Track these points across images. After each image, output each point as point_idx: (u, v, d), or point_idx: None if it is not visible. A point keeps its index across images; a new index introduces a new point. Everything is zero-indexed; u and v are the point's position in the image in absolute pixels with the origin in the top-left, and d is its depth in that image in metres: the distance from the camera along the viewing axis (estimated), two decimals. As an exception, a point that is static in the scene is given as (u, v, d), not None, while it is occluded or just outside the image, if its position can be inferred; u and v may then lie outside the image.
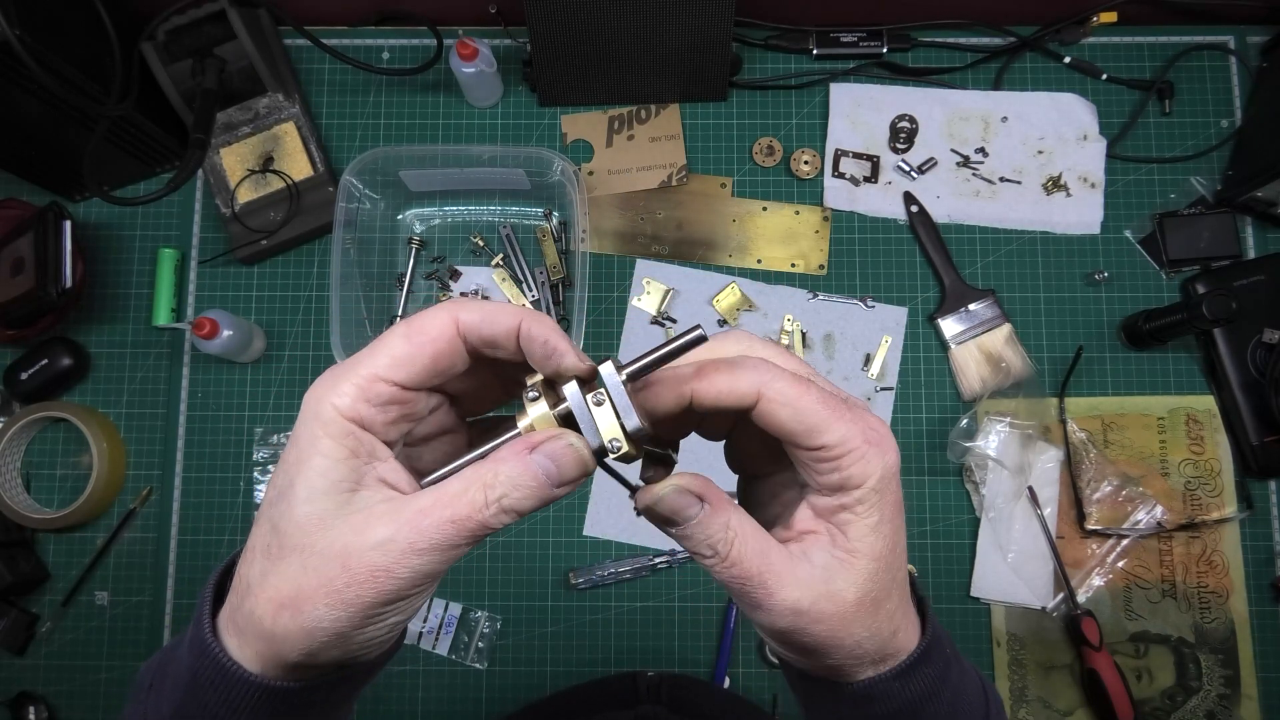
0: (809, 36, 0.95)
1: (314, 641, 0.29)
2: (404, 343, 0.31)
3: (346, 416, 0.30)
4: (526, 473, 0.30)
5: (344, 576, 0.29)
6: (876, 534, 0.32)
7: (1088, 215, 0.93)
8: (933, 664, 0.35)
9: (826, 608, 0.32)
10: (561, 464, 0.30)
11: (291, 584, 0.29)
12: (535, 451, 0.30)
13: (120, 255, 0.95)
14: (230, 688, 0.31)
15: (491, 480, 0.30)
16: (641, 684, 0.78)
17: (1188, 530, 0.88)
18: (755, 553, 0.32)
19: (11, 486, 0.89)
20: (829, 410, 0.31)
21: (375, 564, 0.29)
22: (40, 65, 0.70)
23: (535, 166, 0.88)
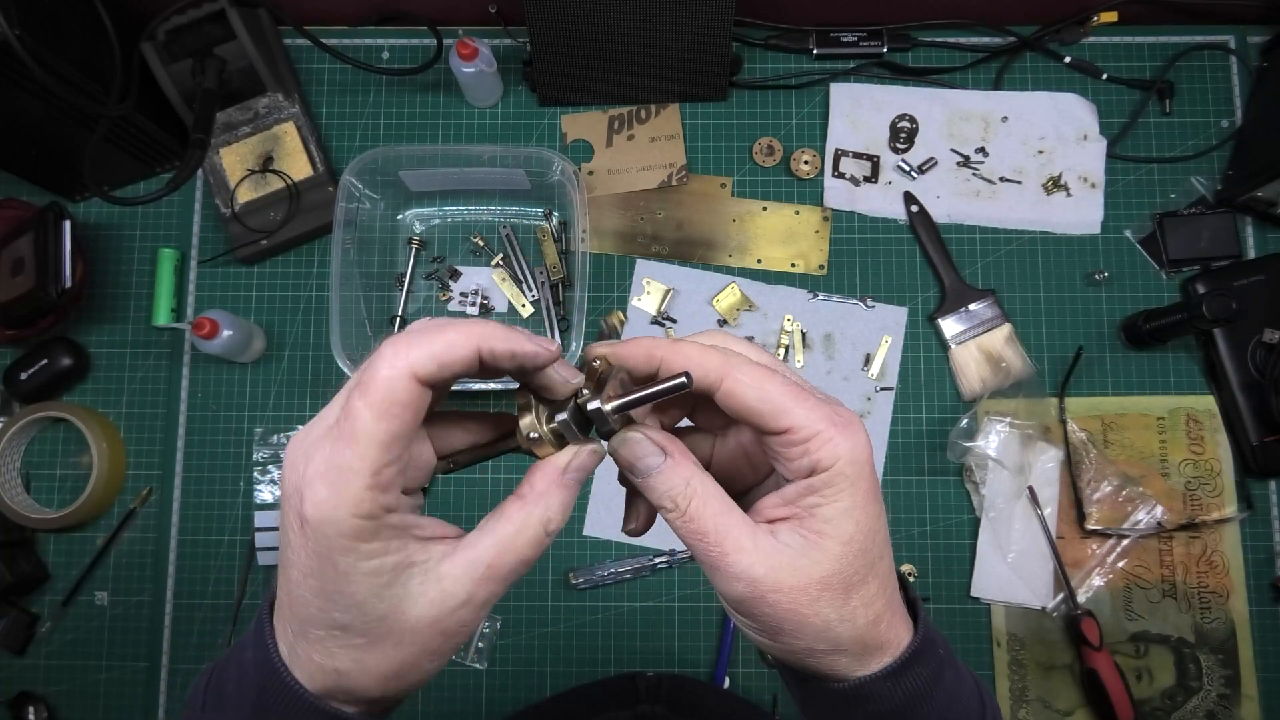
0: (809, 36, 0.95)
1: (400, 692, 0.32)
2: (383, 423, 0.29)
3: (373, 519, 0.29)
4: (569, 495, 0.33)
5: (439, 639, 0.31)
6: (846, 517, 0.32)
7: (1088, 215, 0.93)
8: (925, 664, 0.35)
9: (786, 579, 0.32)
10: (588, 468, 0.34)
11: (393, 663, 0.31)
12: (568, 473, 0.33)
13: (120, 255, 0.95)
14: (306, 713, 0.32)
15: (545, 517, 0.32)
16: (641, 684, 0.78)
17: (1188, 530, 0.88)
18: (714, 513, 0.33)
19: (11, 486, 0.89)
20: (793, 395, 0.33)
21: (464, 619, 0.31)
22: (40, 65, 0.70)
23: (535, 166, 0.88)
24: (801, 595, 0.32)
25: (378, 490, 0.29)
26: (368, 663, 0.31)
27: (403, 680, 0.32)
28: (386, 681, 0.31)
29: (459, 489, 0.91)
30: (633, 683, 0.79)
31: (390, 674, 0.31)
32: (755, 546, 0.32)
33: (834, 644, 0.33)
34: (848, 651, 0.33)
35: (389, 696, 0.32)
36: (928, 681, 0.34)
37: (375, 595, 0.30)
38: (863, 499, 0.33)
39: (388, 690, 0.32)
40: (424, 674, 0.32)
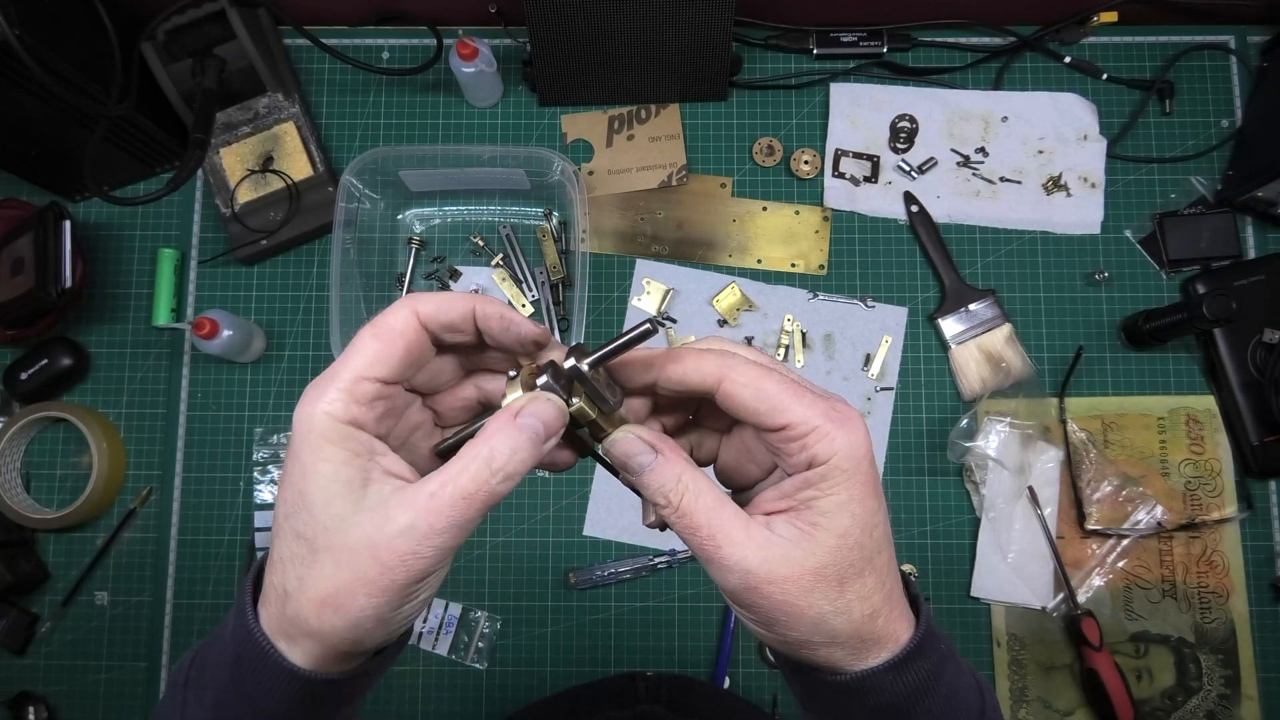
0: (809, 36, 0.95)
1: (359, 631, 0.32)
2: (375, 342, 0.33)
3: (341, 420, 0.32)
4: (519, 436, 0.32)
5: (376, 567, 0.31)
6: (842, 510, 0.33)
7: (1088, 215, 0.93)
8: (926, 659, 0.35)
9: (779, 570, 0.32)
10: (544, 418, 0.33)
11: (329, 584, 0.31)
12: (520, 416, 0.33)
13: (120, 255, 0.95)
14: (277, 678, 0.33)
15: (489, 453, 0.32)
16: (641, 684, 0.78)
17: (1188, 530, 0.88)
18: (707, 507, 0.33)
19: (11, 486, 0.89)
20: (790, 392, 0.34)
21: (402, 550, 0.31)
22: (40, 65, 0.70)
23: (535, 166, 0.88)
24: (795, 586, 0.32)
25: (351, 400, 0.32)
26: (307, 581, 0.32)
27: (339, 611, 0.31)
28: (322, 607, 0.31)
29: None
30: (632, 682, 0.79)
31: (325, 596, 0.31)
32: (749, 538, 0.33)
33: (829, 636, 0.33)
34: (844, 644, 0.34)
35: (326, 633, 0.32)
36: (928, 676, 0.35)
37: (326, 501, 0.31)
38: (859, 493, 0.33)
39: (324, 621, 0.32)
40: (358, 613, 0.31)
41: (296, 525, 0.32)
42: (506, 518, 0.90)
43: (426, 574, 0.32)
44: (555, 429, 0.33)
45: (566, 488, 0.90)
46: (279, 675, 0.33)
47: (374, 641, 0.33)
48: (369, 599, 0.31)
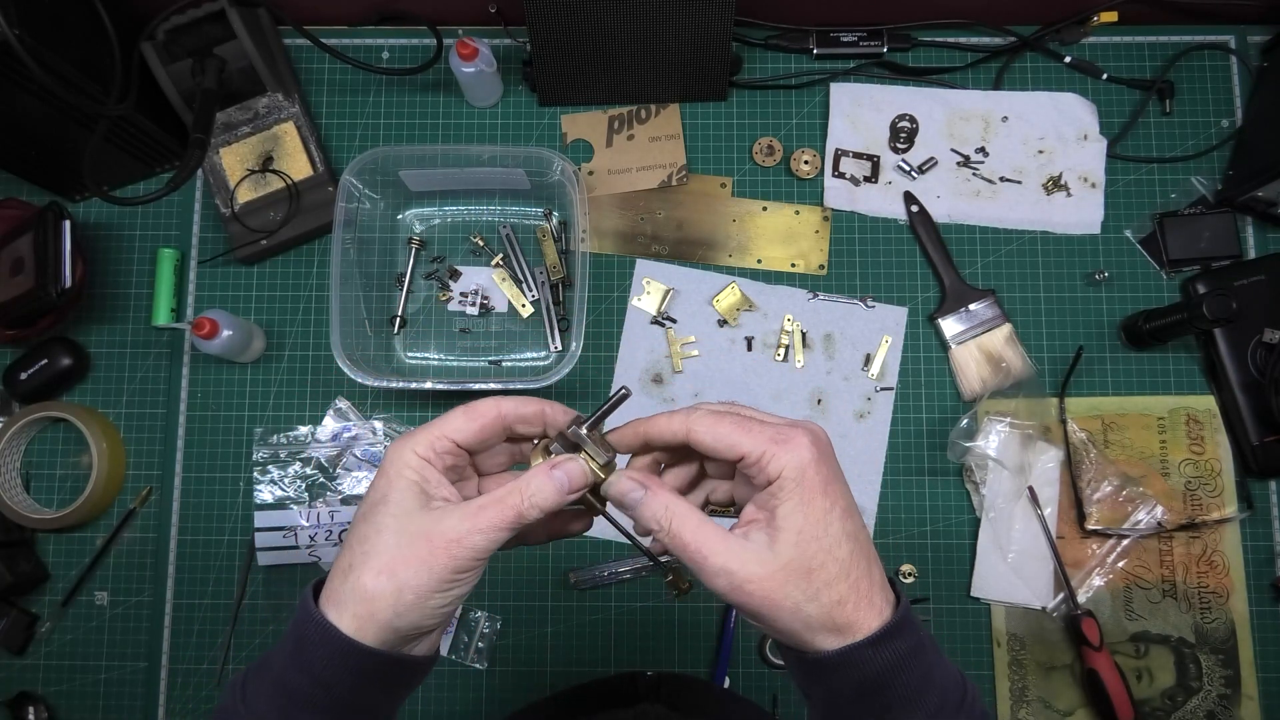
0: (809, 36, 0.95)
1: (402, 600, 0.40)
2: (464, 417, 0.45)
3: (421, 457, 0.44)
4: (550, 481, 0.43)
5: (428, 547, 0.41)
6: (795, 513, 0.41)
7: (1088, 215, 0.93)
8: (902, 640, 0.41)
9: (756, 570, 0.41)
10: (571, 474, 0.44)
11: (390, 555, 0.41)
12: (554, 469, 0.44)
13: (120, 255, 0.95)
14: (330, 644, 0.41)
15: (525, 487, 0.43)
16: (641, 683, 0.78)
17: (1188, 530, 0.88)
18: (691, 528, 0.42)
19: (11, 486, 0.89)
20: (741, 428, 0.43)
21: (449, 537, 0.41)
22: (40, 65, 0.70)
23: (535, 166, 0.88)
24: (771, 582, 0.40)
25: (431, 450, 0.44)
26: (371, 556, 0.41)
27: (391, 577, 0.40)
28: (379, 573, 0.41)
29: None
30: (632, 682, 0.79)
31: (383, 566, 0.41)
32: (728, 548, 0.41)
33: (806, 622, 0.41)
34: (821, 628, 0.41)
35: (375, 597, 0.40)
36: (905, 655, 0.41)
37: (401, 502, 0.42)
38: (807, 495, 0.41)
39: (378, 584, 0.40)
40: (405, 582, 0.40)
41: (373, 518, 0.42)
42: (506, 518, 0.90)
43: (464, 567, 0.41)
44: (577, 487, 0.44)
45: (566, 488, 0.90)
46: (331, 641, 0.41)
47: (409, 621, 0.41)
48: (416, 572, 0.40)
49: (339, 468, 0.91)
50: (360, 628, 0.41)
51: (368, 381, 0.83)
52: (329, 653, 0.41)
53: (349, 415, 0.92)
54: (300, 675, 0.41)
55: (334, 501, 0.90)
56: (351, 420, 0.91)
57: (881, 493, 0.89)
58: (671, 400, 0.91)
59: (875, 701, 0.41)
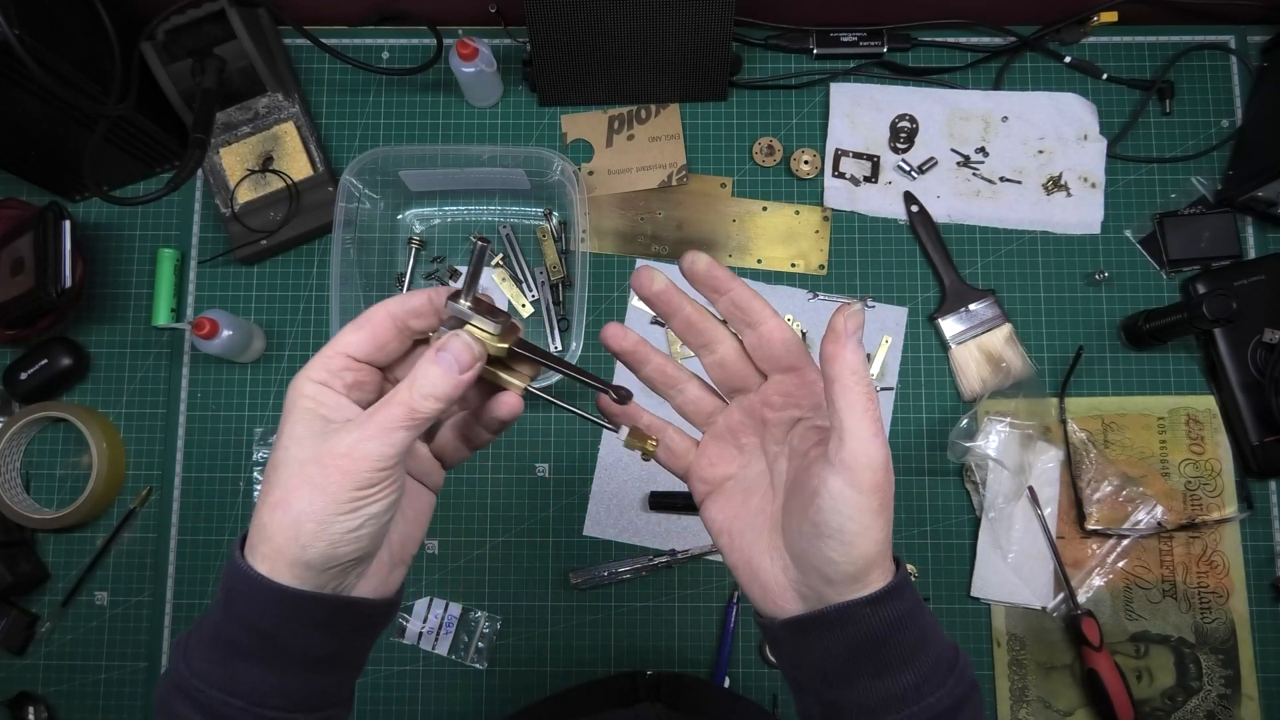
0: (809, 36, 0.95)
1: (302, 530, 0.37)
2: (353, 330, 0.41)
3: (315, 380, 0.40)
4: (436, 366, 0.39)
5: (319, 469, 0.38)
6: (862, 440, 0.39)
7: (1088, 215, 0.93)
8: (900, 601, 0.40)
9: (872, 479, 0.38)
10: (456, 352, 0.40)
11: (282, 488, 0.38)
12: (439, 351, 0.40)
13: (120, 255, 0.95)
14: (252, 588, 0.38)
15: (412, 379, 0.39)
16: (640, 683, 0.78)
17: (1188, 530, 0.88)
18: None
19: (11, 486, 0.89)
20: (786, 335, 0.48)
21: (339, 452, 0.38)
22: (40, 65, 0.70)
23: (535, 166, 0.88)
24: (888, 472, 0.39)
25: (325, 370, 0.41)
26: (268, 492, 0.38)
27: (286, 510, 0.37)
28: (274, 509, 0.38)
29: (470, 491, 0.91)
30: (632, 681, 0.79)
31: (276, 500, 0.38)
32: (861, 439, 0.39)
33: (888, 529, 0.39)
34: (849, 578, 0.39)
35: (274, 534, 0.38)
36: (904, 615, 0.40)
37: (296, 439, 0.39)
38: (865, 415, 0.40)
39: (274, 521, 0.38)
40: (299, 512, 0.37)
41: (273, 456, 0.39)
42: (507, 518, 0.90)
43: (361, 483, 0.38)
44: (464, 356, 0.40)
45: (566, 487, 0.90)
46: (249, 582, 0.38)
47: (319, 552, 0.38)
48: (310, 499, 0.37)
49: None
50: (272, 568, 0.38)
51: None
52: (253, 598, 0.38)
53: (349, 415, 0.91)
54: (234, 627, 0.39)
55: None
56: (351, 420, 0.91)
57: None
58: (671, 400, 0.91)
59: (871, 661, 0.40)
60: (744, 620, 0.88)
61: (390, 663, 0.88)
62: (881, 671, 0.40)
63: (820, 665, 0.41)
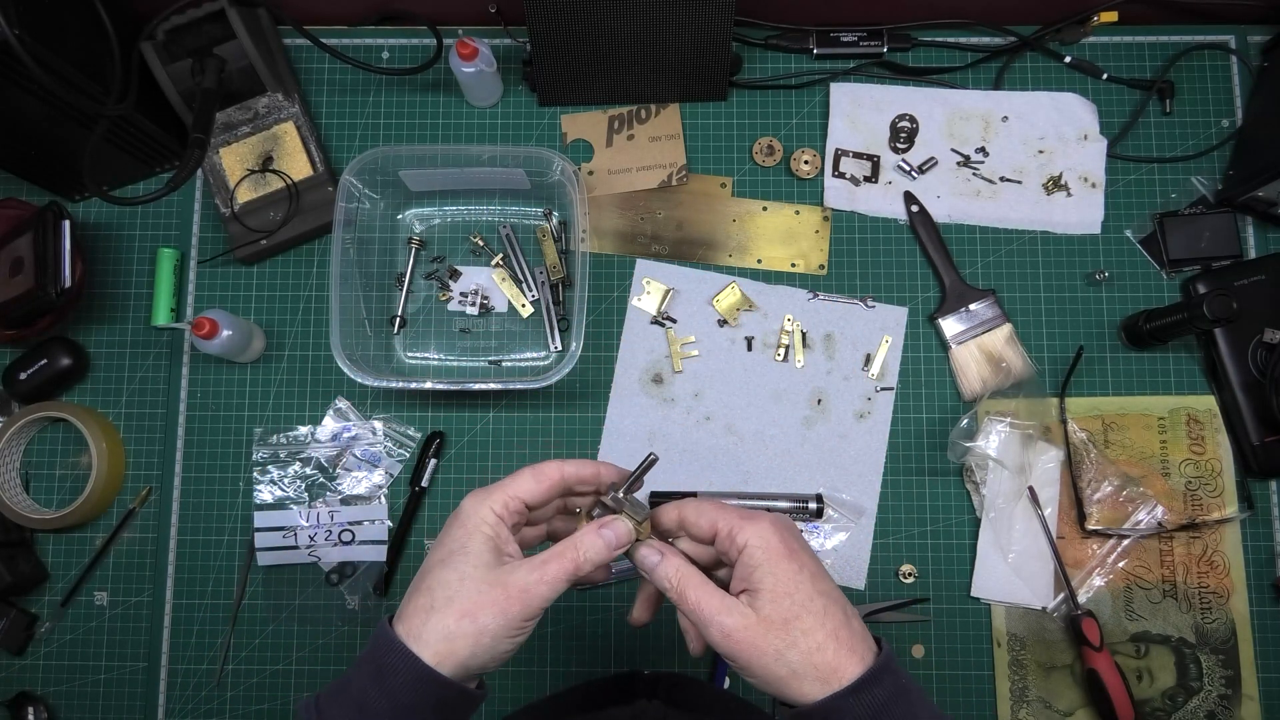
0: (809, 36, 0.95)
1: (480, 641, 0.47)
2: (533, 479, 0.53)
3: (496, 515, 0.51)
4: (599, 539, 0.52)
5: (504, 595, 0.48)
6: (768, 575, 0.49)
7: (1088, 215, 0.93)
8: (882, 686, 0.46)
9: (740, 623, 0.48)
10: (618, 533, 0.53)
11: (472, 601, 0.48)
12: (602, 528, 0.53)
13: (120, 255, 0.95)
14: (412, 673, 0.47)
15: (580, 544, 0.52)
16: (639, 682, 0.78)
17: (1188, 530, 0.88)
18: (694, 587, 0.51)
19: (11, 486, 0.89)
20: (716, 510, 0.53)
21: (521, 587, 0.49)
22: (40, 65, 0.70)
23: (535, 166, 0.88)
24: (752, 632, 0.48)
25: (504, 507, 0.52)
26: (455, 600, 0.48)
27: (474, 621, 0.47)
28: (462, 616, 0.47)
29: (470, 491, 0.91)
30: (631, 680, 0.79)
31: (466, 609, 0.47)
32: (721, 605, 0.49)
33: (790, 668, 0.47)
34: (806, 676, 0.47)
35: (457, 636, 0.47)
36: (887, 700, 0.46)
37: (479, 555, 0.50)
38: (775, 560, 0.49)
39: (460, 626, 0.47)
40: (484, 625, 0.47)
41: (455, 565, 0.49)
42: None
43: (530, 614, 0.49)
44: (621, 544, 0.53)
45: (566, 488, 0.90)
46: (414, 670, 0.47)
47: (481, 661, 0.48)
48: (493, 617, 0.48)
49: (339, 468, 0.91)
50: (440, 662, 0.47)
51: (368, 381, 0.83)
52: (410, 680, 0.47)
53: (349, 415, 0.92)
54: (382, 698, 0.47)
55: (334, 501, 0.90)
56: (351, 420, 0.91)
57: (881, 493, 0.89)
58: (671, 400, 0.91)
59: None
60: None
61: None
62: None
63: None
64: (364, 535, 0.89)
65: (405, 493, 0.90)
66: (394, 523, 0.90)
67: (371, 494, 0.90)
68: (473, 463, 0.91)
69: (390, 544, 0.89)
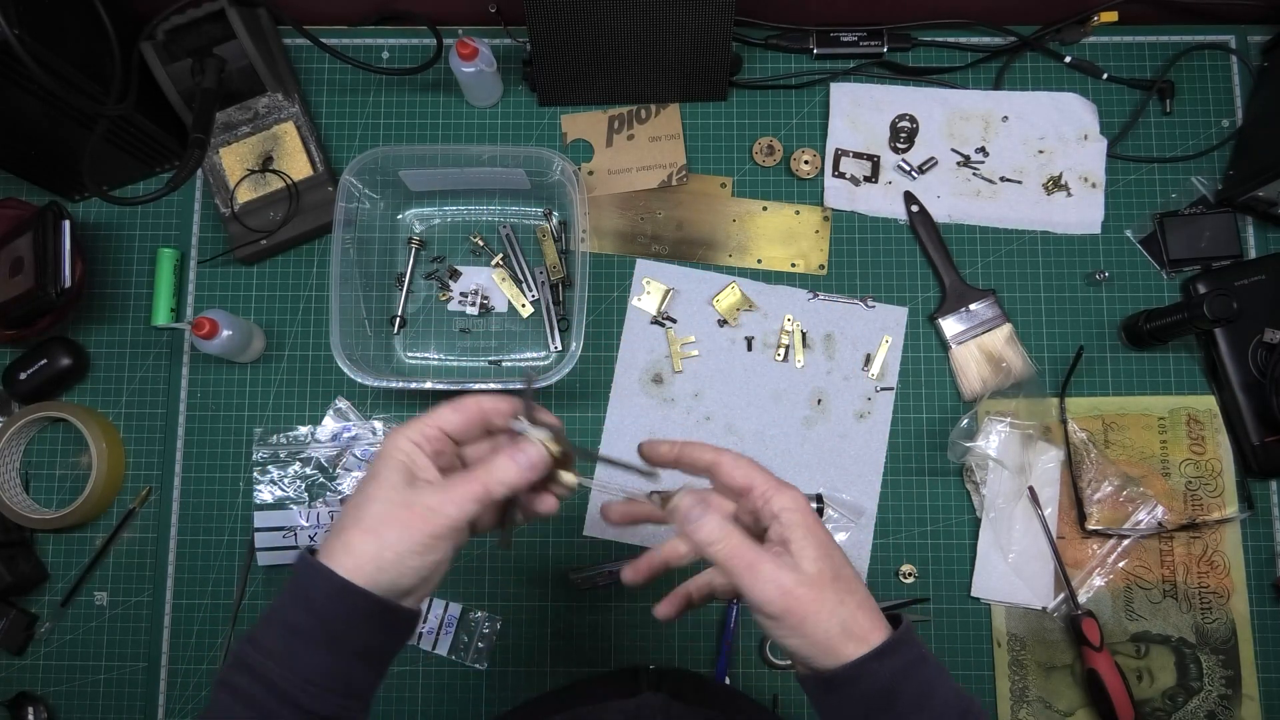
0: (809, 36, 0.95)
1: (383, 556, 0.48)
2: (450, 412, 0.53)
3: (412, 442, 0.51)
4: (510, 462, 0.51)
5: (408, 514, 0.49)
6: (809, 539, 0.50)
7: (1088, 215, 0.93)
8: (902, 655, 0.48)
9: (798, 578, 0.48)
10: (529, 455, 0.52)
11: (375, 518, 0.49)
12: (515, 452, 0.52)
13: (120, 255, 0.95)
14: (328, 584, 0.47)
15: (490, 466, 0.51)
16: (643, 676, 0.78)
17: (1188, 530, 0.88)
18: (744, 544, 0.50)
19: (11, 486, 0.89)
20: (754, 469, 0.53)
21: (427, 505, 0.49)
22: (40, 65, 0.70)
23: (535, 166, 0.88)
24: (809, 588, 0.48)
25: (422, 436, 0.52)
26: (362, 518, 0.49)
27: (377, 537, 0.48)
28: (365, 532, 0.48)
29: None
30: (635, 675, 0.79)
31: (368, 527, 0.48)
32: (775, 563, 0.49)
33: (842, 623, 0.48)
34: (851, 634, 0.48)
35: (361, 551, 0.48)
36: (908, 666, 0.47)
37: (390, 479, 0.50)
38: (812, 527, 0.50)
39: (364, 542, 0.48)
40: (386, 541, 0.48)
41: (365, 490, 0.50)
42: (506, 518, 0.90)
43: (436, 533, 0.48)
44: (535, 460, 0.52)
45: (566, 488, 0.90)
46: (329, 581, 0.47)
47: (390, 577, 0.48)
48: (396, 534, 0.48)
49: (339, 468, 0.91)
50: (350, 576, 0.47)
51: (368, 381, 0.83)
52: (330, 593, 0.47)
53: (349, 415, 0.92)
54: (309, 617, 0.47)
55: (334, 502, 0.90)
56: (351, 420, 0.91)
57: (882, 493, 0.89)
58: (671, 400, 0.91)
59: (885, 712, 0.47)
60: (744, 621, 0.88)
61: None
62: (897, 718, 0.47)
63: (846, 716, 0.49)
64: (364, 535, 0.89)
65: (405, 493, 0.90)
66: (394, 523, 0.90)
67: (371, 494, 0.90)
68: (473, 463, 0.91)
69: (390, 544, 0.89)
